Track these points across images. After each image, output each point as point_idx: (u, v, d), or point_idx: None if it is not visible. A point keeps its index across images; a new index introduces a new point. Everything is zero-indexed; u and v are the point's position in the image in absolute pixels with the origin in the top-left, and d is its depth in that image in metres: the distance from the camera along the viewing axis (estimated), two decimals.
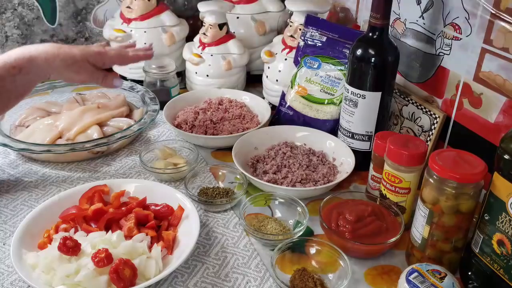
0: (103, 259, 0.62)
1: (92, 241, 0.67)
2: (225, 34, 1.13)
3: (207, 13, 1.12)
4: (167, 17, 1.20)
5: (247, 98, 1.10)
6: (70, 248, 0.64)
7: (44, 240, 0.70)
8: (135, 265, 0.63)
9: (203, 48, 1.13)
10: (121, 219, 0.74)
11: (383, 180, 0.77)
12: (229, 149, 0.91)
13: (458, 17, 0.80)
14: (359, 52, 0.84)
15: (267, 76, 1.12)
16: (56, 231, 0.71)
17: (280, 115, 1.04)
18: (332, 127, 0.99)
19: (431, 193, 0.64)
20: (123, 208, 0.75)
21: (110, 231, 0.70)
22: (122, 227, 0.72)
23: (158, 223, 0.74)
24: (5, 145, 0.87)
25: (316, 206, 0.80)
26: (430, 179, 0.64)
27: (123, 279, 0.61)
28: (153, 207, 0.76)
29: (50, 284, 0.62)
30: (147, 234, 0.71)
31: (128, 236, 0.70)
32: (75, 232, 0.71)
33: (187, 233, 0.71)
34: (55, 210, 0.74)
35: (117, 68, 1.24)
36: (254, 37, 1.23)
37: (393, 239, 0.70)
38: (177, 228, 0.74)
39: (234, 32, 1.18)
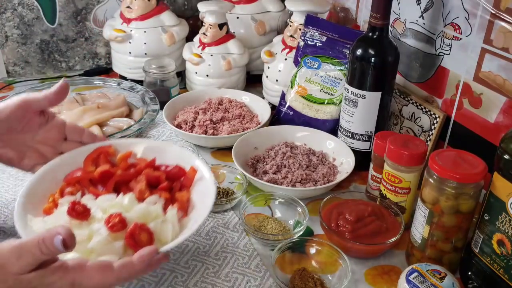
0: (117, 223, 0.58)
1: (102, 205, 0.63)
2: (225, 34, 1.13)
3: (207, 13, 1.12)
4: (167, 17, 1.20)
5: (247, 98, 1.10)
6: (80, 213, 0.60)
7: (50, 205, 0.65)
8: (151, 229, 0.59)
9: (203, 48, 1.13)
10: (130, 181, 0.69)
11: (383, 180, 0.77)
12: (229, 149, 0.91)
13: (458, 17, 0.80)
14: (359, 52, 0.84)
15: (267, 76, 1.12)
16: (62, 195, 0.67)
17: (280, 115, 1.04)
18: (332, 127, 0.99)
19: (431, 193, 0.64)
20: (131, 170, 0.70)
21: (121, 194, 0.65)
22: (132, 189, 0.67)
23: (170, 185, 0.69)
24: None
25: (316, 206, 0.80)
26: (430, 179, 0.64)
27: (139, 244, 0.57)
28: (163, 168, 0.71)
29: None
30: (160, 196, 0.66)
31: (140, 199, 0.65)
32: (82, 196, 0.67)
33: (202, 194, 0.66)
34: (58, 173, 0.69)
35: (117, 68, 1.25)
36: (254, 37, 1.23)
37: (393, 239, 0.70)
38: (190, 189, 0.69)
39: (234, 32, 1.18)
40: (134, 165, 0.72)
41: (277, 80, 1.09)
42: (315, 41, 1.01)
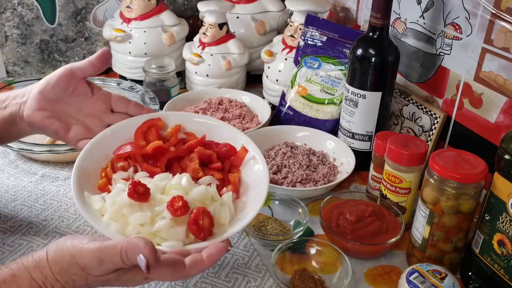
0: (180, 207, 0.57)
1: (160, 185, 0.62)
2: (225, 34, 1.13)
3: (207, 13, 1.12)
4: (167, 17, 1.20)
5: (247, 98, 1.10)
6: (141, 195, 0.58)
7: (103, 181, 0.64)
8: (211, 214, 0.58)
9: (203, 48, 1.13)
10: (182, 158, 0.67)
11: (383, 180, 0.77)
12: None
13: (458, 17, 0.80)
14: (359, 52, 0.84)
15: (267, 76, 1.12)
16: (113, 170, 0.65)
17: (280, 115, 1.04)
18: (332, 127, 0.99)
19: (432, 193, 0.64)
20: (183, 146, 0.68)
21: (177, 175, 0.64)
22: (184, 167, 0.66)
23: (222, 164, 0.68)
24: (4, 145, 0.87)
25: (316, 206, 0.80)
26: (431, 179, 0.64)
27: (202, 229, 0.56)
28: (213, 146, 0.69)
29: (123, 232, 0.57)
30: (213, 176, 0.65)
31: (194, 178, 0.64)
32: (134, 172, 0.65)
33: (253, 176, 0.65)
34: (107, 146, 0.67)
35: (117, 68, 1.24)
36: (254, 37, 1.23)
37: (394, 239, 0.70)
38: (240, 169, 0.68)
39: (234, 32, 1.18)
40: (184, 140, 0.70)
41: (277, 80, 1.09)
42: (315, 41, 1.00)
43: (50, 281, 0.51)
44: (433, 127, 0.86)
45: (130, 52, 1.19)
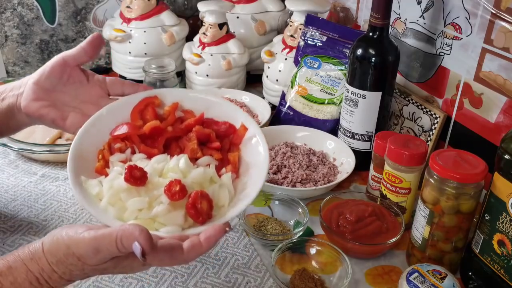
0: (178, 192, 0.56)
1: (157, 167, 0.60)
2: (225, 34, 1.13)
3: (207, 13, 1.12)
4: (167, 17, 1.20)
5: (247, 98, 1.10)
6: (138, 179, 0.57)
7: (101, 164, 0.62)
8: (210, 196, 0.57)
9: (203, 48, 1.13)
10: (181, 138, 0.66)
11: (383, 180, 0.77)
12: None
13: (458, 17, 0.80)
14: (359, 52, 0.84)
15: (267, 76, 1.12)
16: (110, 152, 0.64)
17: (280, 115, 1.04)
18: (332, 127, 0.99)
19: (432, 193, 0.64)
20: (180, 125, 0.66)
21: (175, 156, 0.62)
22: (182, 147, 0.64)
23: (221, 144, 0.66)
24: (4, 145, 0.87)
25: (316, 206, 0.80)
26: (431, 179, 0.64)
27: (200, 212, 0.55)
28: (212, 124, 0.67)
29: (121, 217, 0.56)
30: (212, 156, 0.64)
31: (193, 159, 0.62)
32: (132, 153, 0.64)
33: (253, 155, 0.64)
34: (103, 126, 0.65)
35: (117, 68, 1.24)
36: (254, 37, 1.23)
37: (394, 239, 0.70)
38: (239, 147, 0.66)
39: (234, 32, 1.18)
40: (182, 119, 0.68)
41: (277, 80, 1.09)
42: (315, 41, 1.00)
43: (47, 272, 0.51)
44: (433, 127, 0.86)
45: (130, 52, 1.19)
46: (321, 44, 1.00)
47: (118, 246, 0.48)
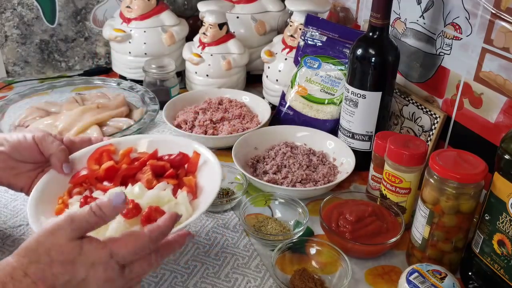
0: (131, 210, 0.58)
1: None
2: (225, 34, 1.13)
3: (207, 13, 1.12)
4: (166, 17, 1.20)
5: (247, 98, 1.10)
6: None
7: (60, 206, 0.66)
8: (165, 212, 0.60)
9: (203, 48, 1.13)
10: (136, 174, 0.69)
11: (383, 180, 0.77)
12: (229, 149, 0.91)
13: (458, 17, 0.80)
14: (359, 52, 0.84)
15: (267, 76, 1.12)
16: (70, 196, 0.67)
17: (280, 115, 1.04)
18: (332, 127, 0.99)
19: (432, 193, 0.64)
20: (135, 163, 0.71)
21: (129, 185, 0.66)
22: (139, 181, 0.67)
23: (176, 172, 0.70)
24: None
25: (316, 206, 0.80)
26: (431, 179, 0.64)
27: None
28: (166, 157, 0.72)
29: None
30: (168, 183, 0.67)
31: (149, 188, 0.66)
32: (90, 194, 0.67)
33: (208, 178, 0.68)
34: (63, 177, 0.69)
35: (117, 68, 1.24)
36: (254, 37, 1.23)
37: (394, 239, 0.70)
38: (195, 174, 0.70)
39: (234, 32, 1.18)
40: (137, 159, 0.72)
41: (277, 80, 1.09)
42: (315, 41, 1.00)
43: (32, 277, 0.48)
44: (433, 127, 0.86)
45: (130, 52, 1.19)
46: (321, 44, 1.00)
47: (94, 210, 0.50)
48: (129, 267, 0.52)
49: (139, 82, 1.17)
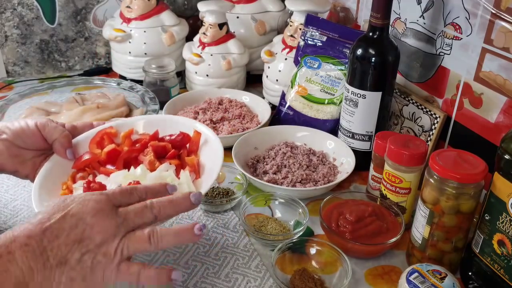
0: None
1: (116, 180, 0.64)
2: (225, 34, 1.13)
3: (207, 13, 1.12)
4: (167, 17, 1.20)
5: (247, 98, 1.10)
6: (96, 190, 0.59)
7: (64, 192, 0.66)
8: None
9: (203, 48, 1.13)
10: (138, 156, 0.70)
11: (383, 180, 0.77)
12: (229, 149, 0.91)
13: (458, 16, 0.80)
14: (359, 52, 0.84)
15: (267, 76, 1.12)
16: (74, 181, 0.68)
17: (280, 115, 1.04)
18: (332, 127, 0.99)
19: (432, 193, 0.64)
20: (137, 145, 0.71)
21: (132, 168, 0.66)
22: (142, 163, 0.68)
23: (177, 152, 0.70)
24: None
25: (316, 206, 0.80)
26: (431, 179, 0.64)
27: None
28: (167, 137, 0.72)
29: None
30: (170, 164, 0.67)
31: (151, 170, 0.66)
32: (93, 178, 0.67)
33: (210, 156, 0.68)
34: (66, 162, 0.70)
35: (117, 68, 1.24)
36: (254, 37, 1.23)
37: (394, 239, 0.70)
38: (198, 153, 0.70)
39: (234, 32, 1.18)
40: (138, 140, 0.72)
41: (277, 80, 1.09)
42: (315, 40, 1.00)
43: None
44: (433, 127, 0.86)
45: (130, 52, 1.19)
46: (321, 44, 1.00)
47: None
48: (125, 209, 0.52)
49: (139, 82, 1.17)
